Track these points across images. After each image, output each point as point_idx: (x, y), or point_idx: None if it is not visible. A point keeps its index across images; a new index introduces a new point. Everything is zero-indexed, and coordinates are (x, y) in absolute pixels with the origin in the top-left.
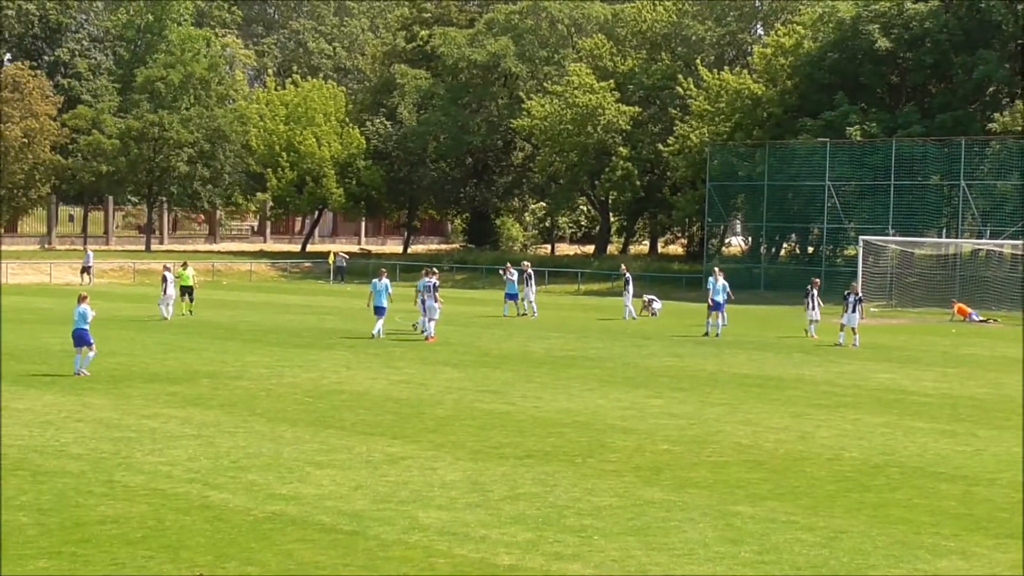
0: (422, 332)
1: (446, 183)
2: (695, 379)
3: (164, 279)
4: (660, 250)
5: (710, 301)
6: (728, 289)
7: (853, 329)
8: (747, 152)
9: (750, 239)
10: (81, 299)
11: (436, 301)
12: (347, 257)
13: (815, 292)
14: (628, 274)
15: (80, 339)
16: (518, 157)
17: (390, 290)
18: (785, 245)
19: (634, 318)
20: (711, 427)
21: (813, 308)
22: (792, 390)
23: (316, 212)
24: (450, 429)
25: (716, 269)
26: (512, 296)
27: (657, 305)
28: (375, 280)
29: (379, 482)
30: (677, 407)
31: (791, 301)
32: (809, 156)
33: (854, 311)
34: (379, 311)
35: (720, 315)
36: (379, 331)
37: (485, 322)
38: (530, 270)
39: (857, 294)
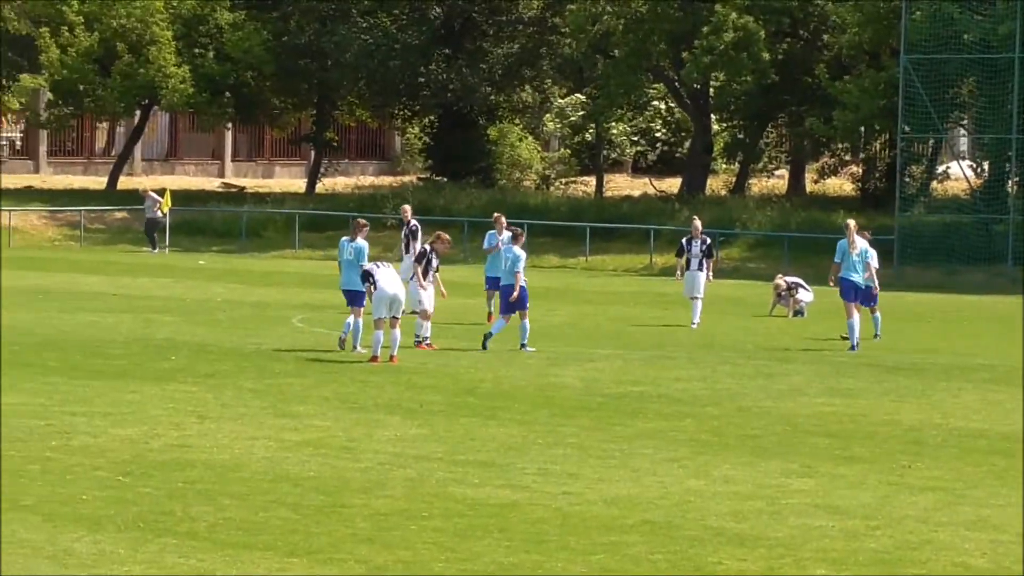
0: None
1: (390, 56)
2: (879, 439)
3: None
4: (810, 188)
5: (834, 283)
6: (875, 261)
7: None
8: None
9: (986, 167)
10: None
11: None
12: (161, 200)
13: None
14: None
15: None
16: (531, 6)
17: (365, 258)
18: None
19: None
20: (910, 535)
21: None
22: None
23: (137, 113)
24: (400, 537)
25: (850, 224)
26: (496, 282)
27: (805, 296)
28: (344, 240)
29: None
30: (846, 493)
31: None
32: None
33: None
34: (353, 298)
35: (872, 309)
36: (350, 333)
37: (468, 327)
38: (413, 220)
39: None
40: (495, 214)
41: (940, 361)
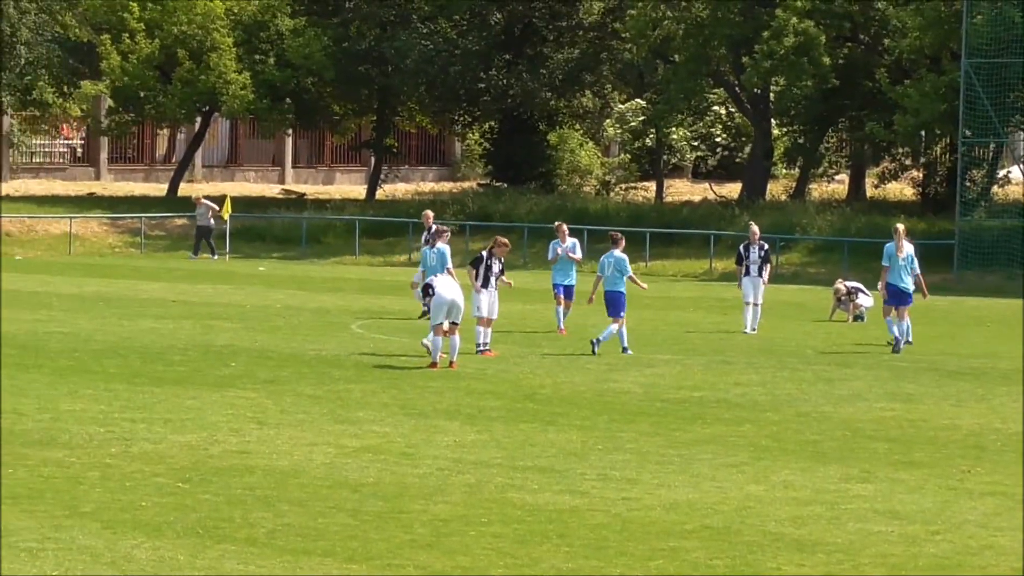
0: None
1: (450, 62)
2: (939, 443)
3: None
4: (870, 193)
5: (884, 288)
6: (915, 265)
7: None
8: None
9: None
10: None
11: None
12: (216, 208)
13: None
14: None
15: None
16: (592, 11)
17: (449, 263)
18: None
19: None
20: (970, 540)
21: None
22: None
23: (197, 120)
24: (459, 543)
25: (900, 228)
26: (565, 288)
27: (865, 301)
28: (425, 248)
29: None
30: (905, 499)
31: None
32: None
33: None
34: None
35: (902, 314)
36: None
37: (528, 334)
38: (434, 225)
39: None
40: (556, 222)
41: (1000, 366)
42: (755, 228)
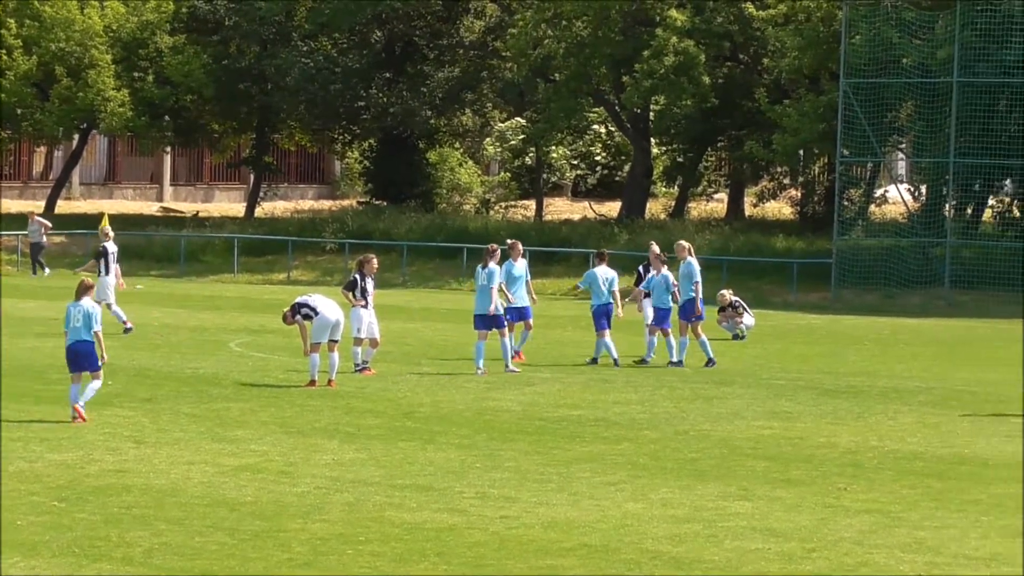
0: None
1: (331, 80)
2: (816, 461)
3: None
4: (749, 212)
5: (639, 305)
6: (670, 283)
7: None
8: (919, 19)
9: (923, 191)
10: (84, 289)
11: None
12: (49, 225)
13: None
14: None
15: (81, 357)
16: (473, 29)
17: (494, 284)
18: (992, 201)
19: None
20: (846, 557)
21: None
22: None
23: (76, 136)
24: (337, 561)
25: (688, 245)
26: (520, 311)
27: (745, 320)
28: (478, 267)
29: None
30: (783, 516)
31: (1012, 311)
32: None
33: None
34: (484, 322)
35: (665, 331)
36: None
37: (407, 352)
38: (104, 242)
39: None
40: (510, 240)
41: (877, 384)
42: (656, 248)
